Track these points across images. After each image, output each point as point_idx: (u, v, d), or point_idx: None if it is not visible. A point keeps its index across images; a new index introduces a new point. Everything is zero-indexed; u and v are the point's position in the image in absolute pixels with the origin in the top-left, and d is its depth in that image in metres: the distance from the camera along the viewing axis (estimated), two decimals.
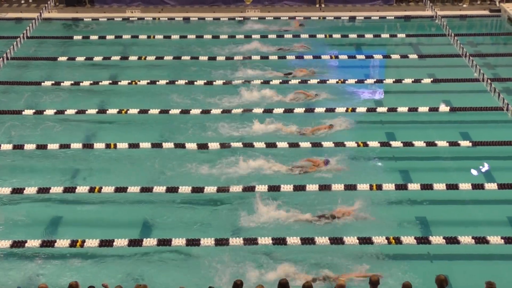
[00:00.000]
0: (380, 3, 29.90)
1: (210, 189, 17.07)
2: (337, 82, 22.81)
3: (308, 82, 22.75)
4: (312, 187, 17.13)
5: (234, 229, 15.95)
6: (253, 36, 26.62)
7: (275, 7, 29.86)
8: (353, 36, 26.72)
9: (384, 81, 23.03)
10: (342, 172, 17.89)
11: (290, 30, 27.28)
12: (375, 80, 23.08)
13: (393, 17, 28.94)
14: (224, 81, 22.96)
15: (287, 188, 17.13)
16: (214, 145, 19.08)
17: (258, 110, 20.88)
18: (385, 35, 26.87)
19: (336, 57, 24.83)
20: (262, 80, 22.85)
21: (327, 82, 22.83)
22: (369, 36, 26.72)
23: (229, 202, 16.93)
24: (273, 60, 24.56)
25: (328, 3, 29.90)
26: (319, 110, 20.85)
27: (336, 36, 26.68)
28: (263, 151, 18.75)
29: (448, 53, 24.97)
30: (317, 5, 29.74)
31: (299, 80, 22.87)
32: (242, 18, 29.00)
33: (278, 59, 24.65)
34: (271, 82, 22.75)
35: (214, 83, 22.85)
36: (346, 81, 22.83)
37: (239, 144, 19.09)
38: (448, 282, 12.85)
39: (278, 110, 20.80)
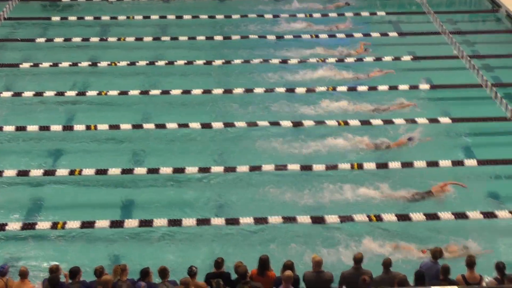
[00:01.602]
0: None
1: (192, 169, 17.06)
2: (317, 61, 22.78)
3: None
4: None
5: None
6: (233, 16, 26.51)
7: None
8: (333, 15, 26.64)
9: (364, 59, 22.98)
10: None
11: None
12: (355, 59, 23.02)
13: None
14: (205, 61, 22.88)
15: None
16: (195, 125, 19.03)
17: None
18: (365, 13, 26.81)
19: (317, 36, 24.77)
20: (242, 60, 22.81)
21: (308, 61, 22.80)
22: (349, 14, 26.66)
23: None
24: (254, 39, 24.52)
25: None
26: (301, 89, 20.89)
27: (316, 15, 26.57)
28: None
29: (428, 30, 25.01)
30: None
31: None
32: None
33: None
34: (251, 61, 22.72)
35: (194, 63, 22.76)
36: (326, 60, 22.80)
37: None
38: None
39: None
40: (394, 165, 17.17)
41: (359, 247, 14.31)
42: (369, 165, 17.21)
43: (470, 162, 17.20)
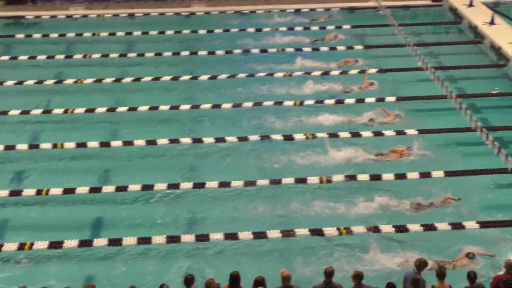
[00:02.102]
0: None
1: (161, 186, 16.97)
2: (284, 76, 22.88)
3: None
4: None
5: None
6: (199, 31, 26.55)
7: (221, 1, 29.75)
8: (299, 28, 26.81)
9: (330, 72, 23.13)
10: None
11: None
12: (322, 72, 23.15)
13: (338, 9, 29.11)
14: (171, 77, 22.82)
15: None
16: (164, 141, 18.95)
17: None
18: (330, 27, 27.01)
19: (283, 50, 24.90)
20: (210, 75, 22.83)
21: (274, 75, 22.88)
22: (315, 28, 26.85)
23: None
24: (220, 54, 24.57)
25: None
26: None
27: (283, 28, 26.73)
28: None
29: (393, 43, 25.28)
30: None
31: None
32: (188, 13, 28.86)
33: (225, 53, 24.66)
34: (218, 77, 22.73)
35: (161, 79, 22.70)
36: (292, 74, 22.91)
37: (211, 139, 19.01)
38: None
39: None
40: (363, 177, 17.26)
41: (331, 261, 14.31)
42: (338, 178, 17.26)
43: (437, 174, 17.35)
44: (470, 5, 28.13)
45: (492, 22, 26.14)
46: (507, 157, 17.39)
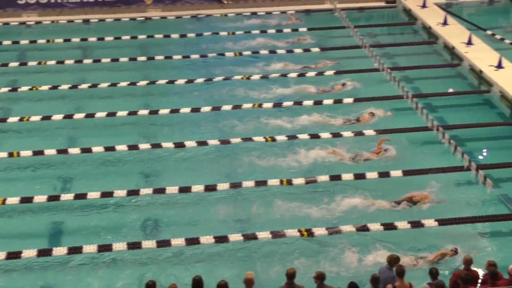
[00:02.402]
0: None
1: (120, 193, 16.82)
2: (242, 78, 22.90)
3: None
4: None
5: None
6: (156, 36, 26.47)
7: (177, 6, 29.67)
8: (256, 32, 26.88)
9: (288, 75, 23.23)
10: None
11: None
12: (279, 74, 23.25)
13: (294, 12, 29.26)
14: (128, 82, 22.66)
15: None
16: (122, 147, 18.81)
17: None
18: (287, 30, 27.14)
19: (240, 54, 24.93)
20: (167, 80, 22.72)
21: (232, 78, 22.88)
22: (271, 31, 26.94)
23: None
24: (178, 59, 24.49)
25: (228, 0, 29.94)
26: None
27: (239, 32, 26.78)
28: None
29: (349, 44, 25.50)
30: (225, 1, 29.76)
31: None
32: (143, 18, 28.73)
33: (183, 58, 24.60)
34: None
35: (118, 85, 22.51)
36: (250, 77, 22.95)
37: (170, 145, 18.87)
38: None
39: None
40: (322, 178, 17.35)
41: (293, 263, 14.36)
42: (298, 181, 17.34)
43: (395, 173, 17.53)
44: (423, 6, 28.56)
45: (445, 23, 26.57)
46: (463, 155, 17.65)
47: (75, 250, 14.86)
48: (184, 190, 16.96)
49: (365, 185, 17.08)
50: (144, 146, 18.90)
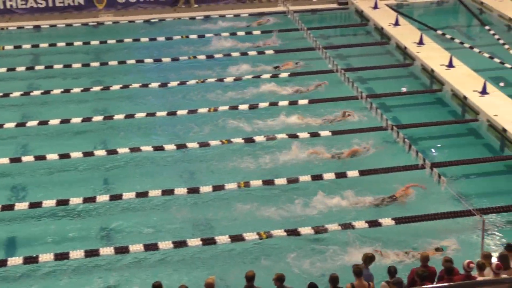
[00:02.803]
0: (233, 1, 30.22)
1: (76, 200, 16.61)
2: (197, 82, 22.85)
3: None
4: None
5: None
6: (108, 41, 26.24)
7: (129, 11, 29.46)
8: (209, 35, 26.84)
9: (243, 77, 23.26)
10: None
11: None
12: (235, 77, 23.26)
13: (247, 15, 29.32)
14: (82, 88, 22.42)
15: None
16: (77, 154, 18.57)
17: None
18: (240, 33, 27.17)
19: (195, 57, 24.87)
20: (121, 85, 22.54)
21: (187, 83, 22.81)
22: (225, 34, 26.94)
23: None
24: (131, 63, 24.31)
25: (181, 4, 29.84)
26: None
27: (193, 36, 26.72)
28: None
29: (303, 46, 25.64)
30: (181, 5, 29.66)
31: None
32: (95, 23, 28.46)
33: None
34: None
35: (71, 91, 22.26)
36: (205, 81, 22.92)
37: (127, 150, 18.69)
38: None
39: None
40: (280, 181, 17.42)
41: (252, 266, 14.37)
42: (255, 183, 17.34)
43: (352, 173, 17.68)
44: (375, 7, 28.90)
45: (396, 23, 26.92)
46: (418, 154, 17.89)
47: (31, 260, 14.62)
48: (141, 195, 16.83)
49: (321, 186, 17.21)
50: (99, 152, 18.70)
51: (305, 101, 21.54)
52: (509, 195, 16.96)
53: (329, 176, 17.53)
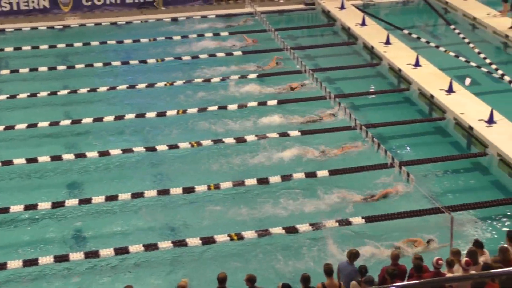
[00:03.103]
0: (200, 3, 30.14)
1: (45, 205, 16.44)
2: (165, 85, 22.76)
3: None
4: None
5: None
6: (75, 44, 26.02)
7: (95, 13, 29.21)
8: (177, 38, 26.75)
9: (211, 79, 23.22)
10: None
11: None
12: (203, 79, 23.19)
13: (214, 16, 29.28)
14: (49, 92, 22.19)
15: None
16: (45, 158, 18.39)
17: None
18: (208, 34, 27.13)
19: (162, 60, 24.77)
20: (88, 88, 22.37)
21: (155, 85, 22.72)
22: (192, 36, 26.88)
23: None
24: (99, 67, 24.12)
25: (148, 6, 29.67)
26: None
27: (160, 38, 26.61)
28: None
29: (270, 47, 25.66)
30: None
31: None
32: (62, 27, 28.20)
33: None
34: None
35: (37, 95, 22.04)
36: (174, 83, 22.85)
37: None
38: None
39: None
40: (250, 181, 17.43)
41: (224, 267, 14.35)
42: (225, 185, 17.33)
43: (322, 173, 17.76)
44: (342, 7, 29.06)
45: (363, 23, 27.11)
46: (387, 152, 18.02)
47: (0, 267, 14.44)
48: (111, 198, 16.72)
49: (292, 186, 17.28)
50: (67, 156, 18.53)
51: (274, 102, 21.57)
52: (476, 192, 17.19)
53: (299, 176, 17.59)
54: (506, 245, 12.94)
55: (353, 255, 13.01)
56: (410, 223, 15.84)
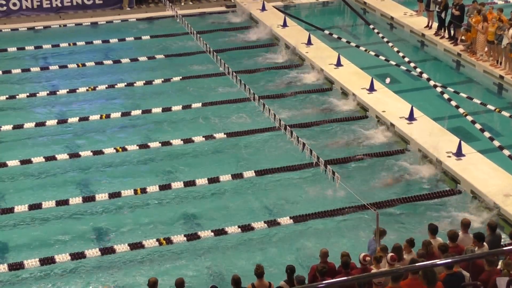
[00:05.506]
0: (120, 7, 29.77)
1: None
2: (87, 90, 22.41)
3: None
4: None
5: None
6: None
7: (11, 19, 28.42)
8: (97, 42, 26.35)
9: (135, 83, 23.00)
10: None
11: None
12: (126, 83, 22.96)
13: (135, 20, 28.96)
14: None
15: None
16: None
17: None
18: (129, 38, 26.82)
19: (83, 65, 24.34)
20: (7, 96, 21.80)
21: (77, 91, 22.33)
22: (114, 40, 26.52)
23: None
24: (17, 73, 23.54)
25: (67, 11, 29.09)
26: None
27: (80, 43, 26.14)
28: None
29: (193, 50, 25.55)
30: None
31: None
32: None
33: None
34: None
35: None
36: (97, 88, 22.52)
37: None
38: None
39: None
40: (176, 185, 17.33)
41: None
42: (152, 188, 17.19)
43: (248, 174, 17.83)
44: (263, 9, 29.22)
45: (284, 25, 27.33)
46: (312, 152, 18.18)
47: None
48: (34, 207, 16.37)
49: (219, 187, 17.33)
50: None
51: (198, 105, 21.51)
52: (400, 188, 17.57)
53: (226, 178, 17.61)
54: (428, 239, 13.28)
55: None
56: (335, 222, 16.13)
